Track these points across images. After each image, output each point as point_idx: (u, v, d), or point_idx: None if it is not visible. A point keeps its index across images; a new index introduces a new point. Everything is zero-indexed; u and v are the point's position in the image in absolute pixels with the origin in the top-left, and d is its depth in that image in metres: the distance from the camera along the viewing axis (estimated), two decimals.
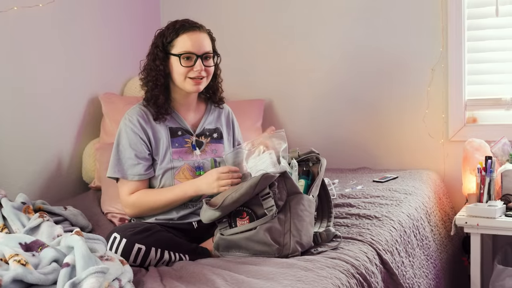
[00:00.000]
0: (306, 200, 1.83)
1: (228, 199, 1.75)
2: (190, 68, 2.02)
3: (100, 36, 3.03)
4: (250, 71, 3.33)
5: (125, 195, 2.06)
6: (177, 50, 2.02)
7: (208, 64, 2.06)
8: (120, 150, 2.05)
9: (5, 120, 2.51)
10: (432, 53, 2.91)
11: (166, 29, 2.06)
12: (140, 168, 2.03)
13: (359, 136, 3.12)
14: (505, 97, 2.83)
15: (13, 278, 1.40)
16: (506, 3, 2.75)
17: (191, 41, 2.01)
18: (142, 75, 2.11)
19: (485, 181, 2.46)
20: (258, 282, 1.53)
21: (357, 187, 2.60)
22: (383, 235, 2.00)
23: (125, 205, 2.07)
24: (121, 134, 2.06)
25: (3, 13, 2.48)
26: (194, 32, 2.03)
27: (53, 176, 2.75)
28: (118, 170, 2.05)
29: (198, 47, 2.02)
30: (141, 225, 1.89)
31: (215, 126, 2.19)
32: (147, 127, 2.05)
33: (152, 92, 2.06)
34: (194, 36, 2.02)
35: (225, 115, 2.24)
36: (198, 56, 2.02)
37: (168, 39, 2.03)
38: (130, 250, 1.77)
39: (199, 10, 3.37)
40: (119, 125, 2.09)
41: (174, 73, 2.05)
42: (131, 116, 2.07)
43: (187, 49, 2.01)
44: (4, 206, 2.07)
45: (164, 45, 2.04)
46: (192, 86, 2.04)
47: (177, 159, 2.06)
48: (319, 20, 3.15)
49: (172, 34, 2.03)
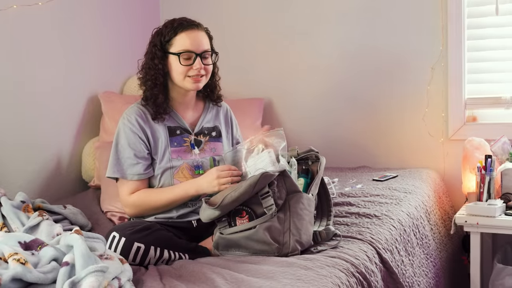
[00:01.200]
0: (306, 199, 1.83)
1: (228, 198, 1.75)
2: (190, 67, 2.02)
3: (99, 34, 3.03)
4: (250, 70, 3.33)
5: (125, 195, 2.05)
6: (175, 48, 2.02)
7: (207, 63, 2.06)
8: (119, 149, 2.04)
9: (4, 118, 2.51)
10: (432, 51, 2.91)
11: (164, 28, 2.05)
12: (139, 167, 2.03)
13: (358, 135, 3.12)
14: (505, 96, 2.82)
15: (12, 277, 1.40)
16: (506, 1, 2.75)
17: (189, 39, 2.01)
18: (141, 74, 2.10)
19: (485, 180, 2.46)
20: (258, 281, 1.53)
21: (356, 186, 2.60)
22: (382, 234, 2.00)
23: (125, 204, 2.06)
24: (120, 133, 2.05)
25: (3, 11, 2.47)
26: (192, 30, 2.03)
27: (53, 175, 2.74)
28: (117, 170, 2.04)
29: (197, 45, 2.02)
30: (141, 223, 1.89)
31: (214, 124, 2.18)
32: (146, 127, 2.05)
33: (151, 91, 2.05)
34: (192, 34, 2.02)
35: (224, 113, 2.24)
36: (197, 55, 2.02)
37: (166, 38, 2.03)
38: (129, 249, 1.77)
39: (199, 9, 3.37)
40: (118, 125, 2.08)
41: (173, 72, 2.04)
42: (129, 116, 2.06)
43: (186, 48, 2.01)
44: (4, 205, 2.07)
45: (162, 43, 2.03)
46: (191, 84, 2.04)
47: (176, 158, 2.05)
48: (319, 19, 3.15)
49: (170, 32, 2.02)
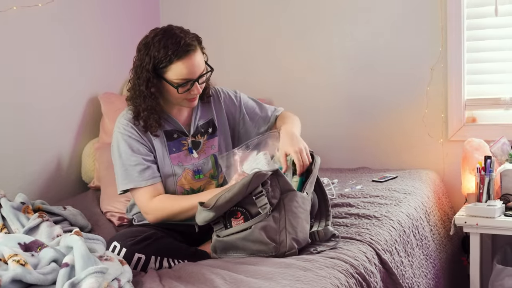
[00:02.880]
0: (300, 197, 1.83)
1: (222, 198, 1.74)
2: (187, 92, 1.95)
3: (99, 36, 3.03)
4: (250, 71, 3.32)
5: (145, 201, 1.96)
6: (172, 76, 1.92)
7: (202, 81, 2.00)
8: (123, 159, 1.96)
9: (4, 120, 2.51)
10: (432, 52, 2.91)
11: (155, 51, 1.91)
12: (150, 171, 1.96)
13: (358, 136, 3.12)
14: (504, 97, 2.82)
15: (12, 278, 1.40)
16: (506, 3, 2.75)
17: (187, 68, 1.91)
18: (130, 92, 1.98)
19: (484, 181, 2.46)
20: (257, 282, 1.53)
21: (356, 186, 2.60)
22: (382, 235, 2.00)
23: (146, 211, 1.97)
24: (120, 144, 1.97)
25: (3, 13, 2.47)
26: (188, 57, 1.91)
27: (53, 176, 2.75)
28: (129, 181, 1.96)
29: (194, 72, 1.93)
30: (142, 232, 1.85)
31: (207, 118, 2.12)
32: (142, 133, 1.99)
33: (142, 113, 1.96)
34: (189, 62, 1.91)
35: (215, 100, 2.15)
36: (194, 81, 1.94)
37: (161, 65, 1.91)
38: (130, 259, 1.76)
39: (198, 10, 3.37)
40: (114, 136, 2.00)
41: (170, 96, 1.97)
42: (123, 124, 1.99)
43: (183, 77, 1.92)
44: (3, 206, 2.07)
45: (155, 68, 1.92)
46: (188, 103, 2.00)
47: (177, 165, 2.02)
48: (318, 20, 3.15)
49: (165, 60, 1.90)
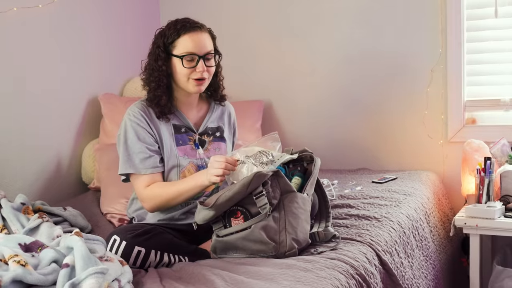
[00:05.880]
0: (300, 198, 1.83)
1: (222, 197, 1.75)
2: (193, 69, 2.01)
3: (99, 36, 3.03)
4: (250, 72, 3.33)
5: (141, 188, 2.01)
6: (178, 51, 2.01)
7: (209, 64, 2.05)
8: (128, 145, 2.01)
9: (4, 120, 2.51)
10: (432, 54, 2.91)
11: (167, 29, 2.04)
12: (152, 160, 2.00)
13: (358, 137, 3.12)
14: (504, 98, 2.82)
15: (12, 279, 1.40)
16: (505, 4, 2.75)
17: (192, 42, 2.00)
18: (144, 75, 2.09)
19: (484, 182, 2.46)
20: (257, 283, 1.53)
21: (356, 188, 2.60)
22: (382, 236, 2.00)
23: (142, 199, 2.02)
24: (127, 129, 2.03)
25: (3, 13, 2.48)
26: (195, 32, 2.01)
27: (53, 177, 2.75)
28: (130, 166, 2.00)
29: (200, 47, 2.01)
30: (141, 227, 1.88)
31: (218, 124, 2.18)
32: (151, 123, 2.04)
33: (154, 93, 2.04)
34: (195, 36, 2.01)
35: (227, 115, 2.23)
36: (200, 57, 2.01)
37: (169, 40, 2.01)
38: (130, 253, 1.77)
39: (199, 10, 3.37)
40: (123, 122, 2.06)
41: (176, 74, 2.03)
42: (134, 112, 2.04)
43: (189, 50, 2.00)
44: (4, 207, 2.07)
45: (165, 45, 2.02)
46: (194, 87, 2.03)
47: (183, 157, 2.05)
48: (319, 21, 3.15)
49: (173, 34, 2.00)
